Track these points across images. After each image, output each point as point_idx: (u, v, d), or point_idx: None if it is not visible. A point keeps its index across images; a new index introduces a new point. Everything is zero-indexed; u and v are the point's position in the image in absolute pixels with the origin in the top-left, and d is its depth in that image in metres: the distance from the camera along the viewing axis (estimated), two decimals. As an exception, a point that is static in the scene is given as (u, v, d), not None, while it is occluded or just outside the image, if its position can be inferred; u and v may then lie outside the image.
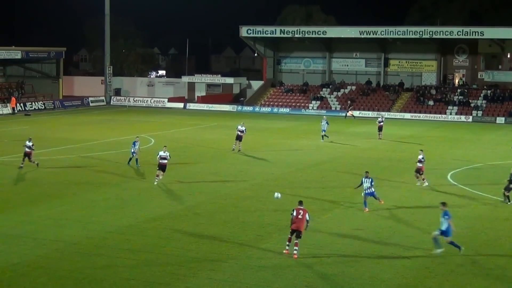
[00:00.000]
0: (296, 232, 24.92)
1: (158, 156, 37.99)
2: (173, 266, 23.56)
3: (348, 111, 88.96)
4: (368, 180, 32.60)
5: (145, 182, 39.08)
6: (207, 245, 26.17)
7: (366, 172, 33.24)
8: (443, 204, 26.22)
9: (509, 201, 34.82)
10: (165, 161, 37.92)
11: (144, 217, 30.48)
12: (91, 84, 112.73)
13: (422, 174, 39.19)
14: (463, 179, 42.12)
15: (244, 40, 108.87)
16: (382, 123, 63.19)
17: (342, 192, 36.30)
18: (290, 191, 36.78)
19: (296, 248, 24.79)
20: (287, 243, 25.35)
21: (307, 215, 25.17)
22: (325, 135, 59.86)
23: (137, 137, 45.57)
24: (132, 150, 43.80)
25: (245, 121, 55.40)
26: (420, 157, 39.17)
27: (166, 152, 38.14)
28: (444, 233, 25.51)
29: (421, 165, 39.07)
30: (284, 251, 25.25)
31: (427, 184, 39.00)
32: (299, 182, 39.44)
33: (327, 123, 60.34)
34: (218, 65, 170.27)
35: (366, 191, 32.52)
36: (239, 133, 51.52)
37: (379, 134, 62.78)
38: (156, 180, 37.90)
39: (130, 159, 44.22)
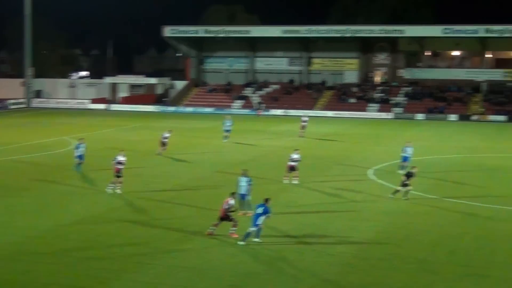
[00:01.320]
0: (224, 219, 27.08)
1: (116, 161, 36.25)
2: (96, 270, 23.27)
3: (258, 111, 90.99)
4: (243, 180, 31.36)
5: (67, 185, 38.47)
6: (131, 247, 25.94)
7: (244, 170, 32.47)
8: (266, 200, 26.71)
9: (393, 195, 35.43)
10: (122, 166, 36.23)
11: (66, 221, 29.98)
12: (10, 86, 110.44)
13: (295, 171, 39.27)
14: (384, 175, 42.87)
15: (167, 40, 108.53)
16: (306, 123, 64.18)
17: (265, 190, 36.36)
18: (215, 191, 36.88)
19: (232, 228, 27.12)
20: (213, 227, 27.32)
21: (225, 204, 27.06)
22: (226, 136, 59.80)
23: (82, 139, 44.15)
24: (77, 154, 42.57)
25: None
26: (294, 156, 39.31)
27: (124, 156, 36.59)
28: (257, 226, 26.15)
29: (294, 163, 39.11)
30: (207, 231, 27.30)
31: (298, 182, 39.24)
32: (223, 182, 39.42)
33: (230, 123, 60.32)
34: (141, 65, 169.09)
35: (240, 192, 31.11)
36: (164, 140, 50.77)
37: (300, 132, 63.71)
38: (111, 187, 36.04)
39: (78, 163, 42.48)
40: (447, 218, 31.60)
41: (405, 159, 43.26)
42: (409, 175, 35.31)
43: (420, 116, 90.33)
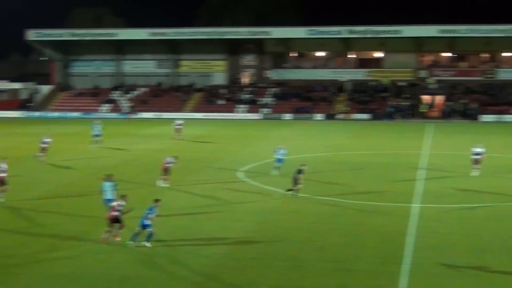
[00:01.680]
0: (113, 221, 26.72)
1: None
2: (-39, 282, 22.54)
3: (130, 113, 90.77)
4: (107, 185, 31.08)
5: None
6: (-2, 257, 25.24)
7: (107, 174, 32.20)
8: (156, 201, 26.99)
9: (289, 193, 36.17)
10: (5, 174, 34.90)
11: None
12: None
13: (168, 174, 39.35)
14: (254, 175, 43.45)
15: (31, 44, 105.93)
16: (180, 126, 64.55)
17: (136, 194, 36.16)
18: (85, 197, 36.33)
19: (117, 231, 26.85)
20: (107, 232, 26.90)
21: (116, 206, 26.80)
22: (97, 141, 59.03)
23: None
24: None
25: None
26: (169, 159, 39.45)
27: (6, 164, 35.17)
28: (145, 226, 26.31)
29: (169, 165, 39.31)
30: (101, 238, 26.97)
31: (167, 185, 39.17)
32: (93, 187, 38.77)
33: (99, 128, 59.63)
34: (4, 70, 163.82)
35: (105, 197, 30.93)
36: (43, 145, 49.81)
37: (175, 135, 63.87)
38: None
39: None
40: (316, 216, 32.35)
41: (279, 161, 43.74)
42: (299, 173, 36.06)
43: (287, 116, 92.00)
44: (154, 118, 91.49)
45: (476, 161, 43.87)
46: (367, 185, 40.62)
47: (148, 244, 26.18)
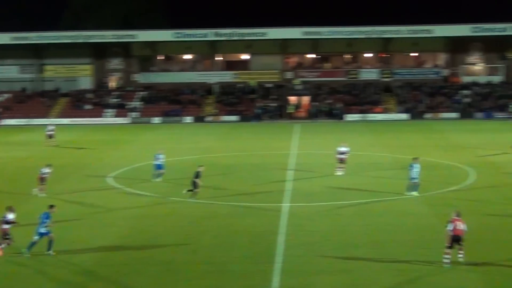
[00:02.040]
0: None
1: None
2: None
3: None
4: None
5: None
6: None
7: None
8: (51, 206, 26.80)
9: (188, 193, 36.26)
10: None
11: None
12: None
13: (44, 184, 38.57)
14: (123, 180, 42.97)
15: None
16: (52, 132, 63.24)
17: (4, 204, 35.05)
18: None
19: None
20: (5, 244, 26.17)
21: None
22: None
23: None
24: None
25: None
26: (44, 170, 38.58)
27: None
28: (42, 235, 26.07)
29: (45, 175, 38.38)
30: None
31: (45, 195, 38.21)
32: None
33: None
34: None
35: None
36: None
37: (47, 141, 62.55)
38: None
39: None
40: (188, 219, 32.37)
41: (159, 166, 43.09)
42: (197, 175, 36.01)
43: (156, 120, 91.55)
44: (19, 125, 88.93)
45: (341, 160, 45.01)
46: (238, 186, 40.96)
47: (51, 253, 25.78)
